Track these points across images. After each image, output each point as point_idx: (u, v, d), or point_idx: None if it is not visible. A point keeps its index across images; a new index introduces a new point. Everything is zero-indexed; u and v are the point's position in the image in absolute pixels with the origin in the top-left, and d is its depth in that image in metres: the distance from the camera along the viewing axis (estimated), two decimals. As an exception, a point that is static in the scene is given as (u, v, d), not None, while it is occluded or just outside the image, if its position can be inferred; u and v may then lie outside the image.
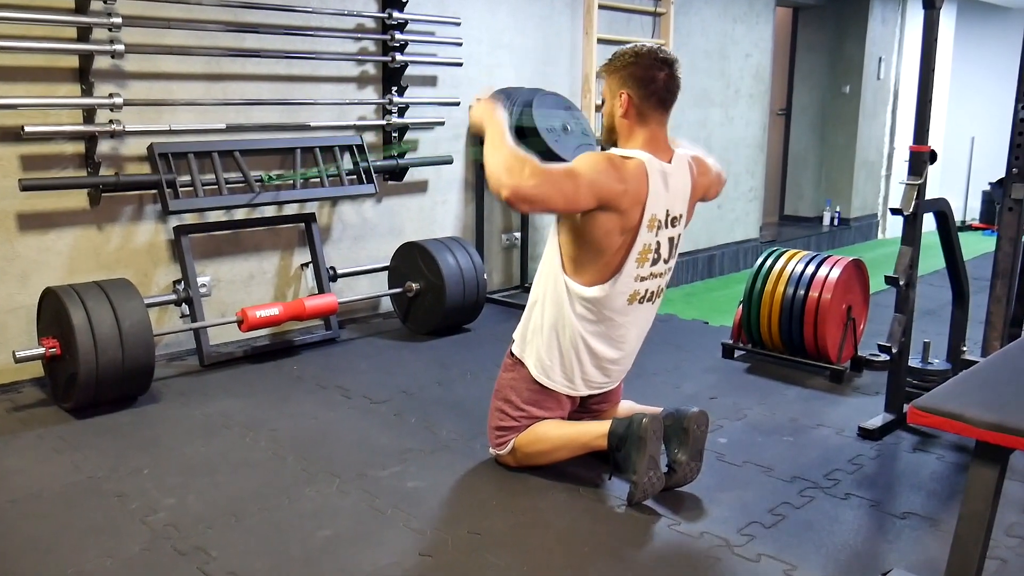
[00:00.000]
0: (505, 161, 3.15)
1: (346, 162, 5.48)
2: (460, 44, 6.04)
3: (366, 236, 5.90)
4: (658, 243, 3.37)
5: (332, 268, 5.55)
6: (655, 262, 3.40)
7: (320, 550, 2.95)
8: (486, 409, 3.66)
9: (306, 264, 5.57)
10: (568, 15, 6.75)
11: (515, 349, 3.56)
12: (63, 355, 4.12)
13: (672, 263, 3.52)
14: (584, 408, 3.66)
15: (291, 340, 5.29)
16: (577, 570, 2.86)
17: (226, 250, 5.23)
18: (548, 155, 5.77)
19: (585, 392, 3.56)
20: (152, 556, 2.90)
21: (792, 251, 5.09)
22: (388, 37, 5.59)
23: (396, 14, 5.57)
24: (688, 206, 3.49)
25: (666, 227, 3.38)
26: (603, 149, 3.51)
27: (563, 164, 3.23)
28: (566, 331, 3.40)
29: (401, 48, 5.68)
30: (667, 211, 3.35)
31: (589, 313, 3.38)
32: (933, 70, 3.92)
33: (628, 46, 3.36)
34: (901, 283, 3.95)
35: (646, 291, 3.45)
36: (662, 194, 3.30)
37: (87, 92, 4.50)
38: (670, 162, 3.36)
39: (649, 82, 3.29)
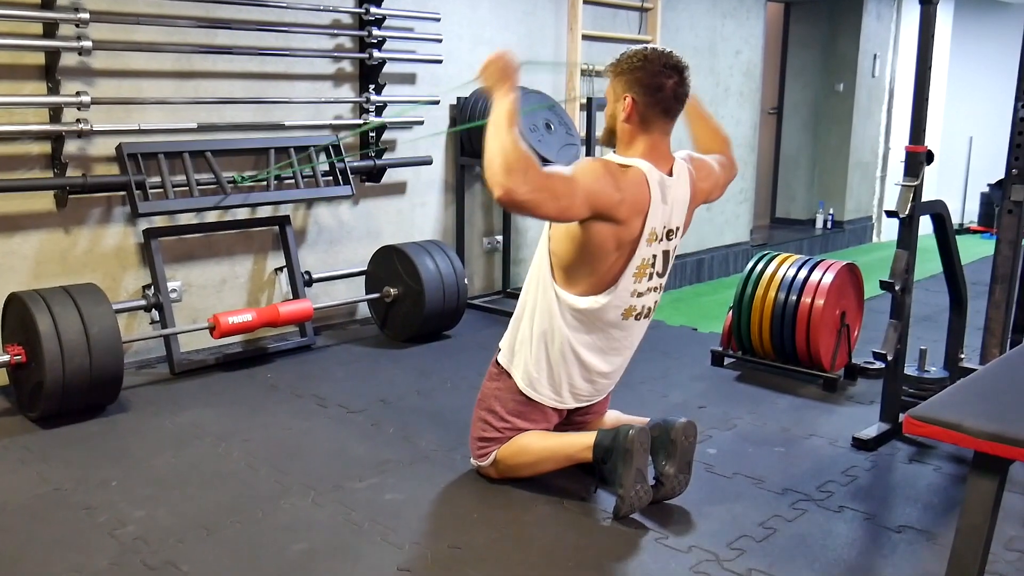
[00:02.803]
0: (506, 157, 2.95)
1: (322, 162, 5.49)
2: (440, 41, 6.06)
3: (342, 239, 5.91)
4: (654, 256, 3.38)
5: (307, 272, 5.55)
6: (651, 276, 3.41)
7: (295, 565, 2.96)
8: (467, 419, 3.67)
9: (280, 268, 5.57)
10: (552, 10, 6.77)
11: (501, 359, 3.57)
12: (28, 363, 4.12)
13: (666, 276, 3.53)
14: (569, 420, 3.67)
15: (265, 347, 5.29)
16: (562, 585, 2.89)
17: (197, 254, 5.23)
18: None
19: (573, 405, 3.58)
20: (121, 571, 2.90)
21: (784, 255, 5.12)
22: (365, 33, 5.61)
23: (374, 9, 5.59)
24: (686, 216, 3.49)
25: (663, 240, 3.38)
26: (605, 150, 3.50)
27: (562, 170, 3.10)
28: (556, 342, 3.42)
29: (379, 45, 5.69)
30: (664, 225, 3.35)
31: (581, 324, 3.39)
32: (930, 67, 3.95)
33: (638, 47, 3.32)
34: (897, 288, 3.97)
35: (643, 307, 3.46)
36: (660, 207, 3.30)
37: (53, 90, 4.50)
38: (671, 173, 3.35)
39: (656, 89, 3.26)
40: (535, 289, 3.46)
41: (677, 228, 3.44)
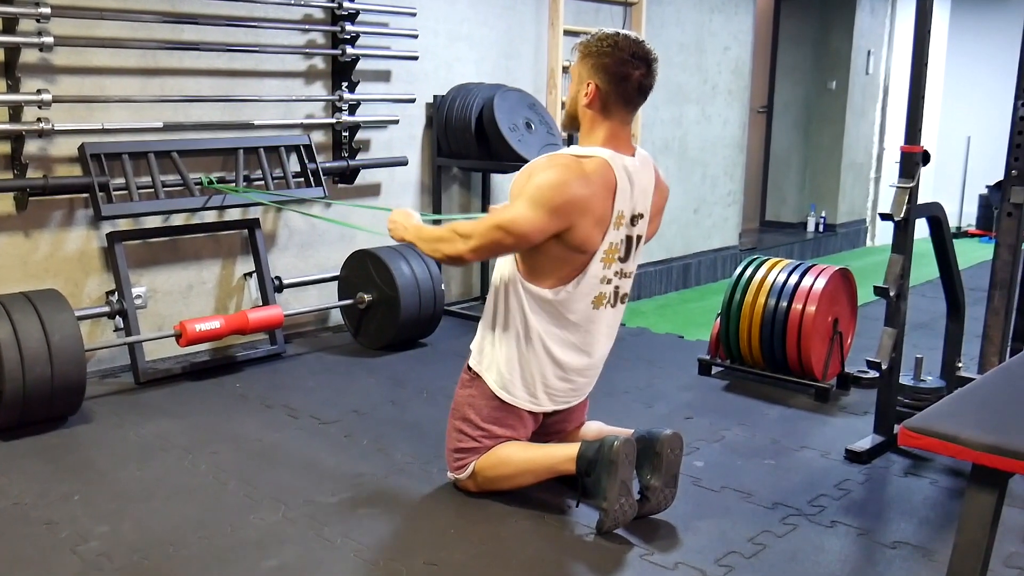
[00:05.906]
0: (438, 243, 3.46)
1: (293, 163, 5.49)
2: (416, 36, 6.06)
3: (314, 243, 5.91)
4: (622, 241, 3.41)
5: (277, 278, 5.55)
6: (617, 261, 3.44)
7: (266, 583, 2.97)
8: (444, 430, 3.68)
9: (249, 273, 5.57)
10: (532, 5, 6.79)
11: (472, 363, 3.58)
12: (-15, 372, 4.12)
13: (634, 266, 3.55)
14: (548, 430, 3.69)
15: (233, 356, 5.29)
16: (543, 603, 2.90)
17: (163, 258, 5.23)
18: (512, 156, 5.81)
19: (549, 407, 3.58)
20: (84, 591, 2.91)
21: (774, 260, 5.15)
22: (338, 29, 5.61)
23: (347, 4, 5.59)
24: (652, 208, 3.51)
25: (629, 225, 3.42)
26: (567, 136, 3.52)
27: (512, 208, 3.31)
28: (526, 339, 3.44)
29: (352, 40, 5.69)
30: (633, 208, 3.40)
31: (551, 318, 3.41)
32: (926, 64, 3.97)
33: (609, 31, 3.34)
34: (891, 294, 3.99)
35: (612, 293, 3.48)
36: (627, 191, 3.35)
37: (13, 88, 4.48)
38: (633, 157, 3.41)
39: (621, 79, 3.29)
40: (502, 287, 3.48)
41: (642, 215, 3.47)
